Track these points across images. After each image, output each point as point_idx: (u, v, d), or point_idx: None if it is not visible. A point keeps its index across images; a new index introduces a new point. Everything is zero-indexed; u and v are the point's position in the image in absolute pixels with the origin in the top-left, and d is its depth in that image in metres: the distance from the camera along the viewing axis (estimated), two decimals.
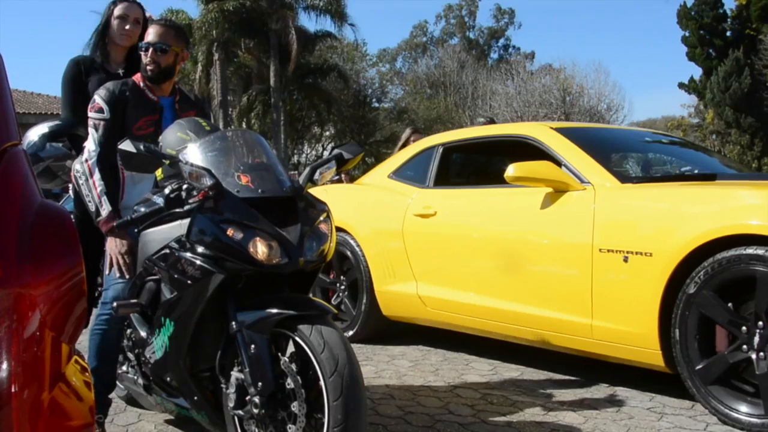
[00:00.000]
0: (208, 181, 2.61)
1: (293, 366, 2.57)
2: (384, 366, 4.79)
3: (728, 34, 36.48)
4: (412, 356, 5.09)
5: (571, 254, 4.06)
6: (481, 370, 4.67)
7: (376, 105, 42.94)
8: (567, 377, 4.45)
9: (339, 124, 39.01)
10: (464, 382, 4.37)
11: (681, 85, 38.63)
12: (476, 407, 3.84)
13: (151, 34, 3.36)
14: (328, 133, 39.62)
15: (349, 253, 5.56)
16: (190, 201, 2.73)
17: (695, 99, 39.11)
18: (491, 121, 8.68)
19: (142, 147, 2.66)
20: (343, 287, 5.70)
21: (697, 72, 37.35)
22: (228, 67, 32.55)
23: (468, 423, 3.58)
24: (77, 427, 1.37)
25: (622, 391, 4.13)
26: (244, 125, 32.91)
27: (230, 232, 2.57)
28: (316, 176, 2.88)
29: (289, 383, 2.55)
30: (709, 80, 34.21)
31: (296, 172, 35.17)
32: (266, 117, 33.53)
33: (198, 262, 2.65)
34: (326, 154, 3.03)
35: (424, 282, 5.01)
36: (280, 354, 2.62)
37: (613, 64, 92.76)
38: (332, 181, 12.71)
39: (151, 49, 3.33)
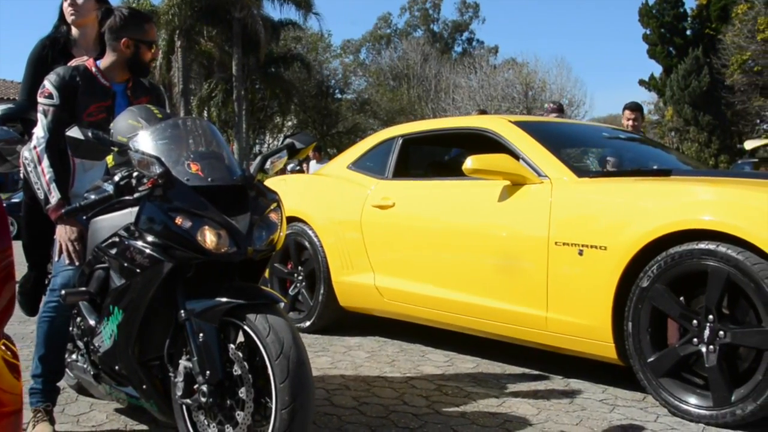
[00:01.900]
0: (157, 169, 2.57)
1: (240, 353, 2.55)
2: (340, 357, 4.78)
3: (688, 33, 36.93)
4: (369, 347, 5.08)
5: (527, 247, 4.08)
6: (436, 361, 4.68)
7: (339, 96, 42.88)
8: (522, 369, 4.47)
9: (301, 114, 38.89)
10: (420, 374, 4.36)
11: (641, 82, 39.03)
12: (431, 398, 3.84)
13: (150, 32, 3.34)
14: (290, 123, 39.45)
15: (306, 244, 5.53)
16: (140, 189, 2.69)
17: (655, 96, 39.56)
18: (483, 112, 8.63)
19: (90, 134, 2.61)
20: (300, 278, 5.67)
21: (657, 69, 37.79)
22: (190, 54, 32.23)
23: (422, 414, 3.58)
24: (4, 414, 1.33)
25: (575, 383, 4.15)
26: (204, 114, 32.63)
27: (179, 220, 2.54)
28: (267, 165, 2.85)
29: (237, 370, 2.54)
30: (668, 78, 34.59)
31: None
32: (227, 106, 33.25)
33: (147, 250, 2.62)
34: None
35: (382, 273, 5.00)
36: (228, 343, 2.60)
37: (575, 59, 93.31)
38: (293, 171, 12.67)
39: (152, 47, 3.34)
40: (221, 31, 32.39)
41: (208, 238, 2.54)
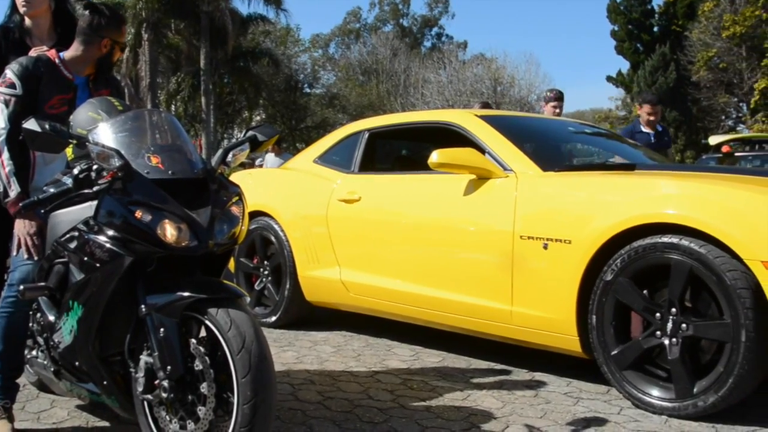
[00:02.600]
0: (116, 162, 2.53)
1: (202, 348, 2.52)
2: (306, 351, 4.76)
3: (655, 29, 37.31)
4: (335, 342, 5.06)
5: (492, 241, 4.08)
6: (402, 355, 4.67)
7: (308, 91, 42.74)
8: (487, 363, 4.48)
9: (270, 108, 38.72)
10: (385, 368, 4.36)
11: (609, 78, 39.37)
12: (396, 392, 3.84)
13: (125, 33, 3.36)
14: (258, 117, 39.25)
15: (272, 238, 5.50)
16: (99, 182, 2.64)
17: (623, 92, 39.92)
18: (486, 105, 8.50)
19: (47, 126, 2.56)
20: (266, 272, 5.64)
21: (625, 66, 38.17)
22: (157, 48, 31.93)
23: (387, 408, 3.57)
24: None
25: (540, 377, 4.17)
26: (172, 108, 32.36)
27: (138, 214, 2.51)
28: (229, 158, 2.82)
29: (198, 365, 2.51)
30: (636, 74, 34.93)
31: None
32: (195, 100, 33.00)
33: (106, 244, 2.58)
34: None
35: (348, 267, 4.98)
36: (190, 337, 2.57)
37: (544, 55, 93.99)
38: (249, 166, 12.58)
39: (124, 49, 3.34)
40: (189, 25, 32.12)
41: (169, 231, 2.51)
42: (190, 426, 2.55)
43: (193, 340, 2.56)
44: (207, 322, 2.51)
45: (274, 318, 5.48)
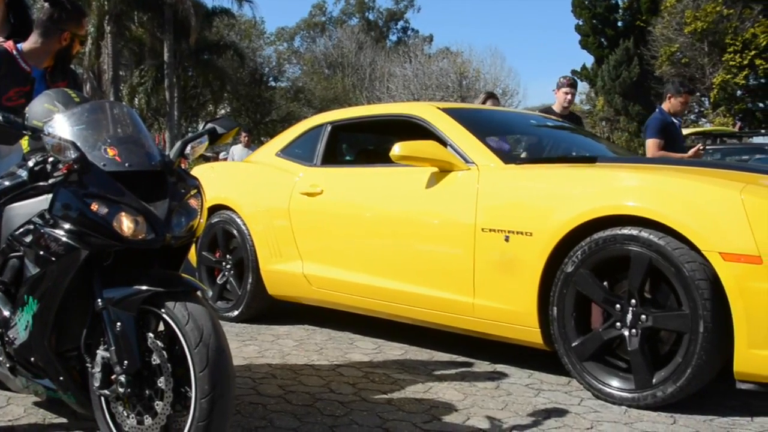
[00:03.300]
0: (72, 154, 2.49)
1: (159, 342, 2.50)
2: (268, 345, 4.74)
3: (619, 24, 37.64)
4: (297, 336, 5.04)
5: (454, 233, 4.09)
6: (365, 349, 4.67)
7: (273, 84, 42.56)
8: (450, 355, 4.49)
9: (234, 102, 38.51)
10: (348, 361, 4.35)
11: (574, 72, 39.61)
12: (358, 385, 3.83)
13: (86, 27, 3.32)
14: (223, 111, 39.04)
15: (235, 232, 5.46)
16: (55, 174, 2.60)
17: (587, 86, 40.25)
18: (491, 96, 8.26)
19: (1, 117, 2.52)
20: (228, 266, 5.60)
21: (589, 60, 38.46)
22: (120, 40, 31.60)
23: (348, 401, 3.56)
24: None
25: (502, 369, 4.19)
26: (135, 101, 32.04)
27: (94, 206, 2.47)
28: (188, 151, 2.79)
29: (155, 360, 2.49)
30: (600, 68, 35.25)
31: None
32: (159, 93, 32.71)
33: (62, 238, 2.54)
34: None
35: (310, 261, 4.97)
36: (147, 332, 2.54)
37: (509, 49, 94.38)
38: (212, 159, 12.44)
39: (84, 42, 3.29)
40: (152, 17, 31.84)
41: (125, 224, 2.48)
42: (148, 421, 2.53)
43: (151, 335, 2.53)
44: (164, 316, 2.49)
45: (236, 312, 5.44)
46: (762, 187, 3.49)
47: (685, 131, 13.62)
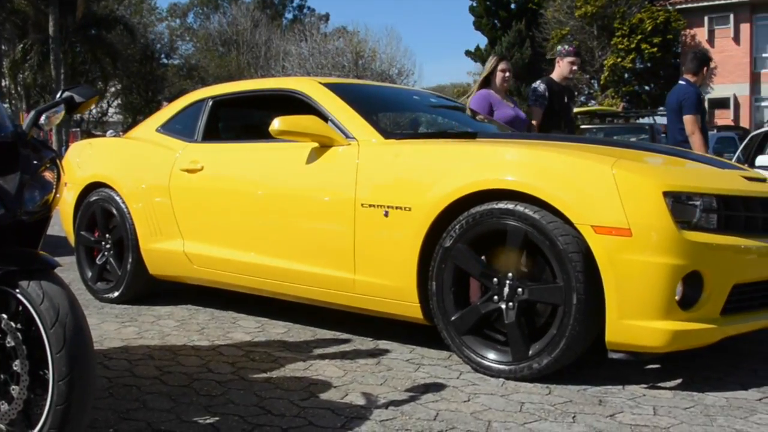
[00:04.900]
0: None
1: (13, 324, 2.37)
2: (148, 326, 4.61)
3: (512, 6, 38.26)
4: (179, 316, 4.93)
5: (334, 209, 4.04)
6: (247, 327, 4.60)
7: (165, 61, 41.60)
8: (333, 333, 4.46)
9: (125, 79, 37.46)
10: (229, 341, 4.27)
11: (468, 53, 40.16)
12: (237, 365, 3.77)
13: None
14: (113, 89, 37.93)
15: (114, 210, 5.28)
16: None
17: (481, 67, 40.75)
18: (503, 58, 6.50)
19: None
20: (108, 246, 5.42)
21: (483, 41, 38.97)
22: (2, 13, 30.27)
23: (226, 380, 3.49)
24: None
25: (384, 345, 4.18)
26: (20, 78, 30.80)
27: None
28: (43, 120, 2.65)
29: (10, 342, 2.36)
30: (493, 49, 35.69)
31: (78, 129, 33.50)
32: (45, 70, 31.51)
33: None
34: (110, 109, 2.81)
35: (191, 239, 4.85)
36: (1, 312, 2.41)
37: (405, 29, 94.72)
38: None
39: None
40: None
41: None
42: (4, 407, 2.41)
43: (4, 315, 2.40)
44: (18, 296, 2.36)
45: (116, 293, 5.29)
46: (633, 162, 3.58)
47: (575, 110, 13.97)
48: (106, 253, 5.43)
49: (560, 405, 3.18)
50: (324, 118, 4.30)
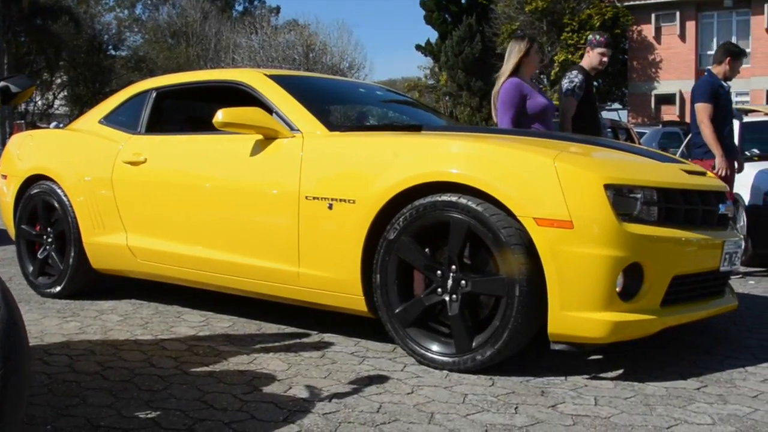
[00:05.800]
0: None
1: None
2: (90, 321, 4.54)
3: (463, 1, 38.40)
4: (123, 310, 4.86)
5: (278, 202, 4.02)
6: (192, 322, 4.55)
7: (113, 53, 41.01)
8: (278, 326, 4.44)
9: (71, 70, 36.84)
10: (173, 335, 4.23)
11: (419, 47, 40.23)
12: (180, 359, 3.73)
13: None
14: (59, 80, 37.28)
15: (55, 203, 5.19)
16: None
17: (431, 61, 40.93)
18: (532, 39, 6.06)
19: None
20: (50, 240, 5.32)
21: (433, 35, 39.13)
22: None
23: (169, 375, 3.46)
24: None
25: (330, 338, 4.17)
26: None
27: None
28: None
29: None
30: (444, 44, 35.88)
31: (23, 121, 32.86)
32: None
33: None
34: (57, 101, 2.75)
35: (134, 232, 4.78)
36: None
37: (356, 23, 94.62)
38: None
39: None
40: None
41: None
42: None
43: None
44: None
45: (59, 288, 5.20)
46: (575, 155, 3.62)
47: None
48: (47, 247, 5.34)
49: (503, 396, 3.20)
50: (269, 110, 4.27)
